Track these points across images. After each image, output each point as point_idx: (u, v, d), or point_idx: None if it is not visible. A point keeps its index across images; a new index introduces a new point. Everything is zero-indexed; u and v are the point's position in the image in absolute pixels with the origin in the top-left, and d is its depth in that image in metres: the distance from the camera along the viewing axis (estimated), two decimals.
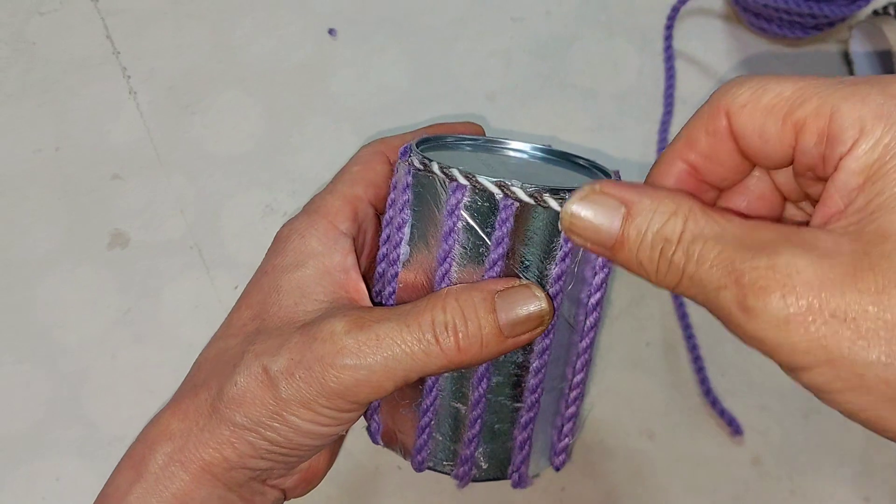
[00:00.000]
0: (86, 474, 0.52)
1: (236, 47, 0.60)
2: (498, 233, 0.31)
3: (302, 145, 0.58)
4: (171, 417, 0.33)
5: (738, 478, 0.52)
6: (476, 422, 0.33)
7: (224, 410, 0.31)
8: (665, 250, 0.25)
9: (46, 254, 0.55)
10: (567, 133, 0.58)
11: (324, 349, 0.30)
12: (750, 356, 0.54)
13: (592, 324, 0.34)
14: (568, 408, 0.35)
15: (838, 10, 0.56)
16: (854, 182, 0.24)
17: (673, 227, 0.25)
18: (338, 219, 0.35)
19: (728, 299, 0.23)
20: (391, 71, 0.60)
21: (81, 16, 0.60)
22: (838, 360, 0.22)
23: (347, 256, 0.34)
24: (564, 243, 0.31)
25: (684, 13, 0.61)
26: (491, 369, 0.33)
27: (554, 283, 0.32)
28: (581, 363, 0.35)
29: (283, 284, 0.33)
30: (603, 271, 0.33)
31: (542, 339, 0.33)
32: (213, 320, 0.54)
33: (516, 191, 0.30)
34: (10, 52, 0.59)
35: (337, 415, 0.31)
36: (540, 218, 0.31)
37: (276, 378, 0.31)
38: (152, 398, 0.53)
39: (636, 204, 0.26)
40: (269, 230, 0.56)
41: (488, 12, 0.61)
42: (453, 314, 0.30)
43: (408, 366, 0.30)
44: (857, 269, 0.22)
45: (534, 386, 0.33)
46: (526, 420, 0.34)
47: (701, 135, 0.28)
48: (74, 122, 0.58)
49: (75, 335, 0.54)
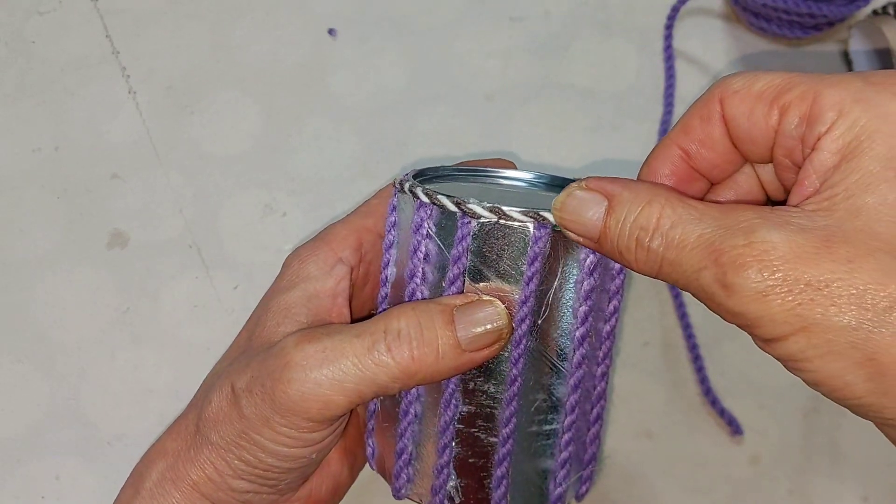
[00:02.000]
0: (85, 474, 0.52)
1: (235, 47, 0.60)
2: (455, 251, 0.31)
3: (301, 145, 0.58)
4: (167, 436, 0.34)
5: (737, 477, 0.52)
6: (444, 450, 0.32)
7: (203, 430, 0.32)
8: (641, 238, 0.26)
9: (45, 253, 0.55)
10: (566, 133, 0.58)
11: (274, 364, 0.30)
12: (750, 356, 0.54)
13: (581, 359, 0.32)
14: (561, 451, 0.33)
15: (838, 9, 0.56)
16: (830, 161, 0.25)
17: (648, 215, 0.26)
18: (340, 247, 0.35)
19: (709, 279, 0.24)
20: (390, 71, 0.60)
21: (80, 15, 0.60)
22: (812, 326, 0.23)
23: (340, 282, 0.34)
24: (529, 265, 0.30)
25: (684, 13, 0.61)
26: (459, 396, 0.32)
27: (520, 307, 0.30)
28: (570, 404, 0.32)
29: (272, 306, 0.34)
30: (587, 304, 0.31)
31: (512, 368, 0.31)
32: (211, 320, 0.54)
33: (474, 207, 0.30)
34: (8, 51, 0.59)
35: (296, 434, 0.30)
36: (504, 236, 0.30)
37: (239, 395, 0.31)
38: (151, 398, 0.53)
39: (617, 196, 0.28)
40: (268, 230, 0.56)
41: (487, 12, 0.61)
42: (408, 323, 0.30)
43: (357, 377, 0.29)
44: (830, 242, 0.23)
45: (506, 418, 0.31)
46: (501, 455, 0.32)
47: (696, 121, 0.29)
48: (73, 121, 0.58)
49: (74, 335, 0.54)
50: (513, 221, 0.30)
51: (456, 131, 0.58)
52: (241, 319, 0.54)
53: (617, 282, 0.32)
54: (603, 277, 0.32)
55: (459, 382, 0.32)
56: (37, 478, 0.51)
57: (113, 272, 0.55)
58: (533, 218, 0.30)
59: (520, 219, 0.30)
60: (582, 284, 0.31)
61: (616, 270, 0.32)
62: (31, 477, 0.51)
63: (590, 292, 0.31)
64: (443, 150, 0.58)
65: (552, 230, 0.30)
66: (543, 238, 0.30)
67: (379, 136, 0.58)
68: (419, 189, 0.32)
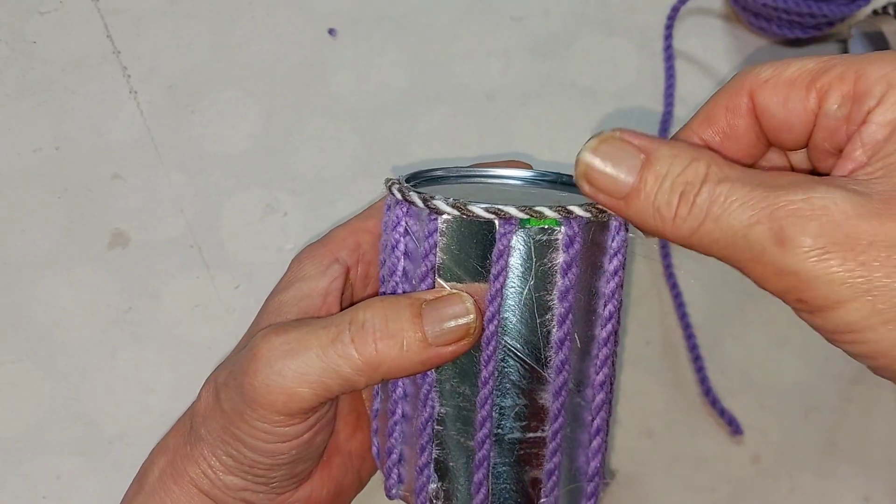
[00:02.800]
0: (86, 473, 0.52)
1: (236, 47, 0.60)
2: (423, 247, 0.30)
3: (301, 144, 0.58)
4: (170, 433, 0.34)
5: (738, 477, 0.52)
6: (423, 451, 0.32)
7: (195, 426, 0.33)
8: (686, 192, 0.25)
9: (46, 253, 0.55)
10: (567, 132, 0.58)
11: (245, 357, 0.30)
12: (750, 356, 0.54)
13: (561, 363, 0.31)
14: (547, 462, 0.31)
15: (838, 9, 0.56)
16: (881, 134, 0.24)
17: (696, 170, 0.25)
18: (338, 248, 0.35)
19: (761, 234, 0.23)
20: (390, 70, 0.60)
21: (81, 15, 0.60)
22: (878, 289, 0.22)
23: (333, 281, 0.34)
24: (496, 262, 0.30)
25: (684, 13, 0.61)
26: (435, 396, 0.31)
27: (488, 305, 0.30)
28: (554, 411, 0.31)
29: (268, 307, 0.34)
30: (563, 305, 0.30)
31: (483, 369, 0.30)
32: (212, 319, 0.54)
33: (438, 203, 0.30)
34: (9, 51, 0.59)
35: (270, 428, 0.30)
36: (471, 233, 0.30)
37: (219, 390, 0.31)
38: (152, 397, 0.53)
39: (655, 151, 0.26)
40: (268, 229, 0.56)
41: (488, 12, 0.61)
42: (374, 314, 0.30)
43: (321, 369, 0.29)
44: (891, 205, 0.22)
45: (480, 421, 0.31)
46: (478, 459, 0.31)
47: (721, 112, 0.28)
48: (74, 121, 0.58)
49: (75, 334, 0.54)
50: (477, 218, 0.30)
51: (456, 131, 0.58)
52: (242, 319, 0.54)
53: (612, 285, 0.31)
54: (589, 279, 0.31)
55: (436, 382, 0.31)
56: (38, 477, 0.51)
57: (114, 272, 0.55)
58: (496, 214, 0.29)
59: (483, 215, 0.29)
60: (557, 285, 0.30)
61: (610, 272, 0.31)
62: (32, 477, 0.51)
63: (565, 293, 0.30)
64: (443, 149, 0.58)
65: (520, 227, 0.30)
66: (508, 234, 0.29)
67: (380, 135, 0.58)
68: (395, 187, 0.32)
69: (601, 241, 0.31)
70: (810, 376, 0.54)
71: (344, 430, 0.36)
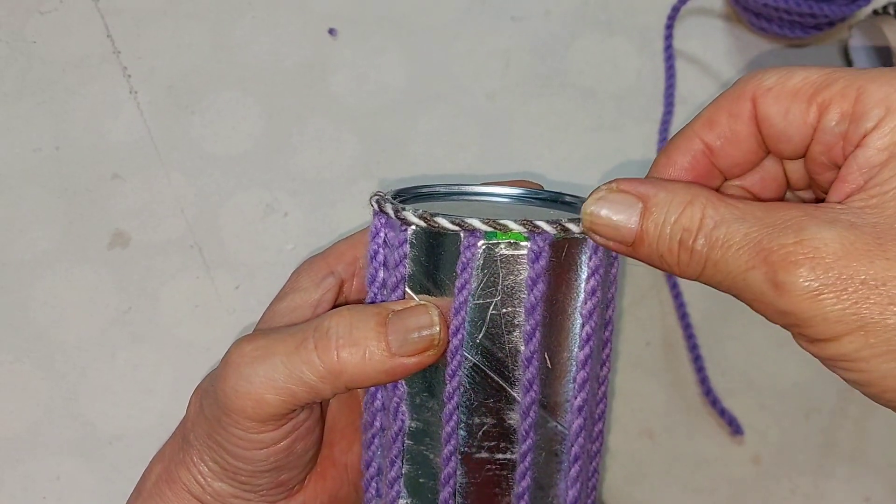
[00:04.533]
0: (85, 473, 0.52)
1: (236, 47, 0.60)
2: (394, 257, 0.31)
3: (301, 145, 0.58)
4: (168, 442, 0.35)
5: (738, 477, 0.52)
6: (393, 465, 0.31)
7: (186, 432, 0.33)
8: (685, 240, 0.26)
9: (46, 253, 0.55)
10: (567, 132, 0.58)
11: (220, 364, 0.31)
12: (750, 356, 0.54)
13: (528, 382, 0.30)
14: (516, 485, 0.31)
15: (838, 9, 0.56)
16: (878, 158, 0.24)
17: (691, 216, 0.26)
18: (336, 261, 0.35)
19: (758, 279, 0.24)
20: (391, 70, 0.60)
21: (81, 15, 0.60)
22: (870, 325, 0.23)
23: (326, 294, 0.34)
24: (460, 274, 0.29)
25: (684, 13, 0.61)
26: (405, 409, 0.31)
27: (453, 317, 0.30)
28: (522, 432, 0.30)
29: (264, 317, 0.35)
30: (530, 321, 0.29)
31: (447, 384, 0.30)
32: (212, 320, 0.54)
33: (406, 215, 0.30)
34: (9, 51, 0.59)
35: (246, 435, 0.30)
36: (438, 245, 0.30)
37: (202, 397, 0.32)
38: (151, 397, 0.53)
39: (652, 198, 0.27)
40: (268, 230, 0.56)
41: (488, 12, 0.61)
42: (339, 322, 0.30)
43: (286, 375, 0.29)
44: (883, 240, 0.23)
45: (445, 437, 0.30)
46: (444, 476, 0.31)
47: (723, 116, 0.28)
48: (74, 121, 0.58)
49: (74, 334, 0.54)
50: (442, 229, 0.29)
51: (456, 131, 0.58)
52: (241, 319, 0.54)
53: (589, 305, 0.30)
54: (563, 298, 0.30)
55: (406, 395, 0.31)
56: (37, 478, 0.51)
57: (113, 272, 0.55)
58: (459, 226, 0.29)
59: (447, 227, 0.29)
60: (523, 301, 0.30)
61: (588, 292, 0.31)
62: (32, 477, 0.51)
63: (531, 310, 0.29)
64: (443, 149, 0.58)
65: (485, 242, 0.29)
66: (472, 247, 0.29)
67: (380, 135, 0.58)
68: (374, 198, 0.32)
69: (575, 260, 0.30)
70: (810, 376, 0.54)
71: (340, 442, 0.36)
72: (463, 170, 0.57)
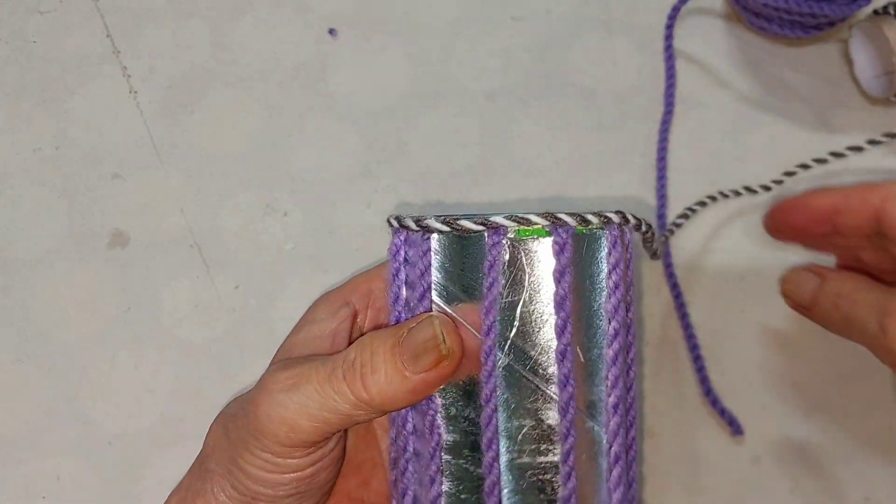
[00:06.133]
0: (86, 473, 0.52)
1: (236, 46, 0.60)
2: (417, 269, 0.31)
3: (302, 144, 0.58)
4: (186, 475, 0.35)
5: (739, 477, 0.52)
6: (432, 484, 0.31)
7: (205, 460, 0.34)
8: (837, 302, 0.34)
9: (46, 253, 0.55)
10: (567, 132, 0.58)
11: (254, 390, 0.32)
12: (750, 356, 0.54)
13: (565, 377, 0.30)
14: (561, 488, 0.30)
15: (838, 9, 0.56)
16: None
17: (842, 285, 0.34)
18: (350, 293, 0.36)
19: (874, 327, 0.32)
20: (391, 70, 0.60)
21: (81, 14, 0.60)
22: None
23: (342, 323, 0.35)
24: (487, 273, 0.30)
25: (684, 12, 0.61)
26: (440, 423, 0.31)
27: (483, 318, 0.30)
28: (563, 431, 0.30)
29: (282, 347, 0.35)
30: (560, 315, 0.30)
31: (484, 387, 0.30)
32: (212, 319, 0.54)
33: (429, 223, 0.30)
34: (9, 50, 0.59)
35: (274, 459, 0.31)
36: (462, 248, 0.30)
37: (227, 421, 0.33)
38: (152, 397, 0.53)
39: (827, 275, 0.36)
40: (268, 229, 0.56)
41: (488, 11, 0.61)
42: (362, 350, 0.31)
43: (321, 404, 0.30)
44: None
45: (486, 444, 0.30)
46: (488, 486, 0.30)
47: (854, 206, 0.34)
48: (74, 120, 0.58)
49: (75, 334, 0.54)
50: (466, 232, 0.30)
51: (456, 131, 0.58)
52: (241, 319, 0.54)
53: (613, 300, 0.31)
54: (588, 294, 0.31)
55: (441, 408, 0.31)
56: (37, 477, 0.51)
57: (114, 272, 0.55)
58: (483, 225, 0.30)
59: (471, 227, 0.30)
60: (552, 294, 0.30)
61: (610, 288, 0.31)
62: (32, 477, 0.51)
63: (561, 302, 0.30)
64: (443, 149, 0.58)
65: (509, 239, 0.30)
66: (498, 245, 0.30)
67: (380, 135, 0.58)
68: (392, 217, 0.32)
69: (596, 256, 0.31)
70: (810, 376, 0.54)
71: (356, 476, 0.36)
72: (463, 169, 0.57)
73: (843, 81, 0.60)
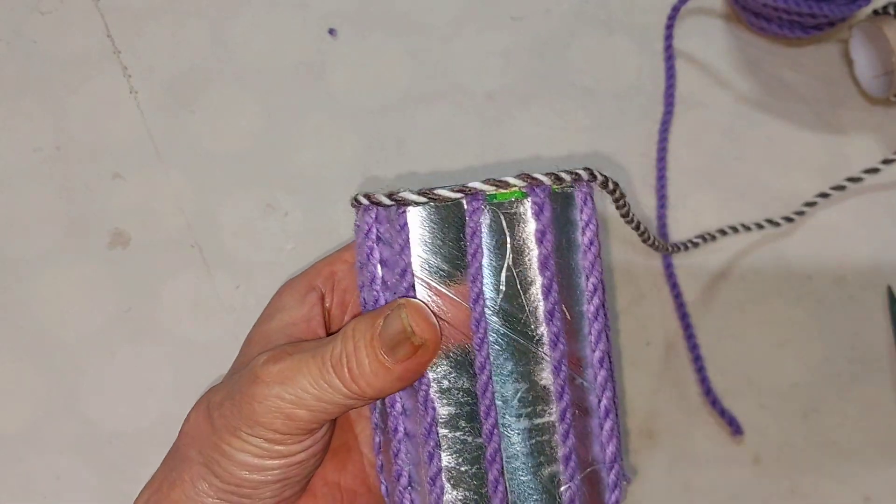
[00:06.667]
0: (85, 472, 0.52)
1: (236, 45, 0.60)
2: (397, 244, 0.30)
3: (301, 143, 0.58)
4: (157, 470, 0.35)
5: (738, 477, 0.52)
6: (431, 459, 0.30)
7: (182, 448, 0.33)
8: None
9: (46, 252, 0.55)
10: (567, 132, 0.58)
11: (243, 380, 0.32)
12: (750, 356, 0.54)
13: (555, 336, 0.30)
14: (561, 446, 0.31)
15: (838, 9, 0.56)
16: None
17: None
18: (315, 277, 0.36)
19: None
20: (391, 69, 0.60)
21: (81, 14, 0.60)
22: None
23: (312, 308, 0.35)
24: (470, 241, 0.30)
25: (684, 12, 0.61)
26: (435, 396, 0.31)
27: (471, 286, 0.30)
28: (557, 390, 0.30)
29: (253, 337, 0.35)
30: (545, 275, 0.30)
31: (477, 355, 0.30)
32: (212, 318, 0.54)
33: (405, 195, 0.30)
34: (10, 50, 0.59)
35: (265, 445, 0.31)
36: (441, 219, 0.30)
37: (211, 408, 0.33)
38: (151, 396, 0.53)
39: None
40: (268, 228, 0.56)
41: (488, 11, 0.61)
42: (345, 344, 0.31)
43: (316, 395, 0.30)
44: None
45: (484, 412, 0.30)
46: (490, 455, 0.30)
47: None
48: (74, 120, 0.58)
49: (75, 333, 0.54)
50: (445, 200, 0.30)
51: (456, 130, 0.58)
52: (241, 318, 0.54)
53: (590, 257, 0.31)
54: (566, 254, 0.31)
55: (432, 382, 0.31)
56: (36, 476, 0.51)
57: (114, 271, 0.55)
58: (462, 192, 0.30)
59: (449, 196, 0.30)
60: (535, 255, 0.30)
61: (585, 244, 0.31)
62: (31, 475, 0.51)
63: (545, 262, 0.30)
64: (443, 149, 0.58)
65: (488, 202, 0.30)
66: (478, 211, 0.30)
67: (379, 134, 0.58)
68: (360, 195, 0.32)
69: (570, 215, 0.31)
70: (810, 376, 0.53)
71: (332, 461, 0.36)
72: (462, 169, 0.57)
73: (843, 81, 0.60)
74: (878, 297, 0.55)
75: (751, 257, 0.56)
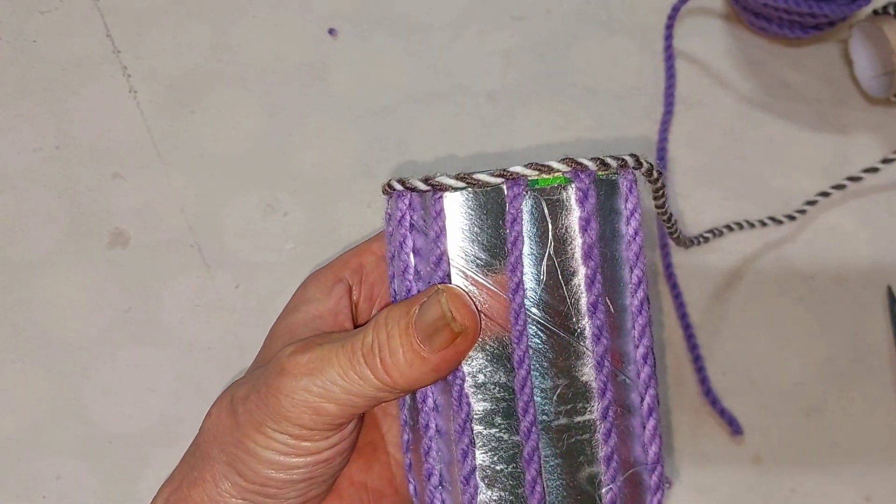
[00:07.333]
0: (86, 473, 0.52)
1: (236, 46, 0.60)
2: (432, 232, 0.29)
3: (302, 144, 0.58)
4: (176, 468, 0.34)
5: (739, 477, 0.52)
6: (465, 457, 0.29)
7: (203, 445, 0.32)
8: None
9: (46, 253, 0.55)
10: (567, 132, 0.58)
11: (269, 373, 0.30)
12: (750, 356, 0.54)
13: (598, 330, 0.28)
14: (602, 446, 0.29)
15: (838, 9, 0.56)
16: None
17: None
18: (342, 269, 0.35)
19: None
20: (392, 70, 0.60)
21: (82, 14, 0.60)
22: None
23: (340, 300, 0.34)
24: (510, 228, 0.28)
25: (684, 12, 0.61)
26: (469, 392, 0.29)
27: (510, 276, 0.28)
28: (599, 387, 0.29)
29: (277, 330, 0.34)
30: (589, 265, 0.28)
31: (516, 349, 0.28)
32: (213, 319, 0.54)
33: (442, 180, 0.28)
34: (10, 50, 0.59)
35: (291, 441, 0.30)
36: (480, 205, 0.28)
37: (235, 403, 0.31)
38: (152, 397, 0.53)
39: None
40: (269, 229, 0.56)
41: (489, 11, 0.61)
42: (378, 332, 0.29)
43: (345, 388, 0.29)
44: None
45: (522, 408, 0.28)
46: (528, 453, 0.29)
47: None
48: (74, 120, 0.58)
49: (75, 334, 0.54)
50: (484, 185, 0.28)
51: (457, 130, 0.58)
52: (242, 319, 0.54)
53: (634, 248, 0.29)
54: (610, 244, 0.29)
55: (467, 376, 0.29)
56: (38, 477, 0.51)
57: (114, 271, 0.55)
58: (503, 177, 0.28)
59: (489, 181, 0.28)
60: (578, 245, 0.28)
61: (630, 236, 0.29)
62: (32, 476, 0.51)
63: (589, 252, 0.28)
64: (444, 149, 0.58)
65: (530, 188, 0.28)
66: (519, 196, 0.28)
67: (380, 134, 0.58)
68: (394, 181, 0.30)
69: (614, 204, 0.29)
70: (810, 376, 0.54)
71: (358, 460, 0.36)
72: (463, 169, 0.57)
73: (843, 81, 0.60)
74: (879, 296, 0.55)
75: (751, 257, 0.56)
